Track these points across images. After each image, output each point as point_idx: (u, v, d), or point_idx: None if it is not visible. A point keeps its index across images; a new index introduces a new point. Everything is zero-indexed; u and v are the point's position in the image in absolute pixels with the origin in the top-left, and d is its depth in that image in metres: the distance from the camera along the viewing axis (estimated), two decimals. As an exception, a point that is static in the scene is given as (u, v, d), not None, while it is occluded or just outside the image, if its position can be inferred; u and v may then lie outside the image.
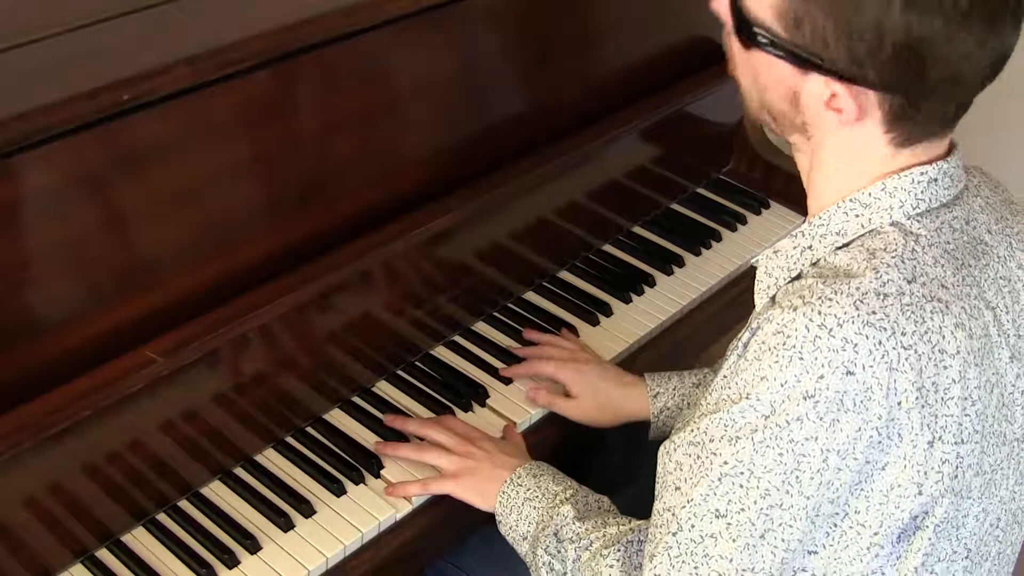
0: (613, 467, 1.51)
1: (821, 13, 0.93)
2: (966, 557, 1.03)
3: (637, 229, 1.83)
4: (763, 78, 1.02)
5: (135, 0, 1.36)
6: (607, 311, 1.65)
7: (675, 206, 1.88)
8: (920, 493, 0.96)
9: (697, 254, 1.79)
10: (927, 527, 0.98)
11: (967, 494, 1.00)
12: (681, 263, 1.76)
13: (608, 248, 1.78)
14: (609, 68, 1.78)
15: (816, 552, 1.00)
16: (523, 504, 1.26)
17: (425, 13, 1.44)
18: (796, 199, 1.89)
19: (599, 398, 1.46)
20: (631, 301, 1.68)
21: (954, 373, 0.95)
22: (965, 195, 1.05)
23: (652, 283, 1.72)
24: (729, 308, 1.75)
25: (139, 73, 1.21)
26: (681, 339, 1.68)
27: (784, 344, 0.94)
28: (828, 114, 0.99)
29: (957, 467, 0.97)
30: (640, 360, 1.61)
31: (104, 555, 1.26)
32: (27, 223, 1.18)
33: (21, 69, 1.24)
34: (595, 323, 1.63)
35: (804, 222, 1.06)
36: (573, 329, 1.61)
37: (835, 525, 0.98)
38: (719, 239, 1.82)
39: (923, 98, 0.96)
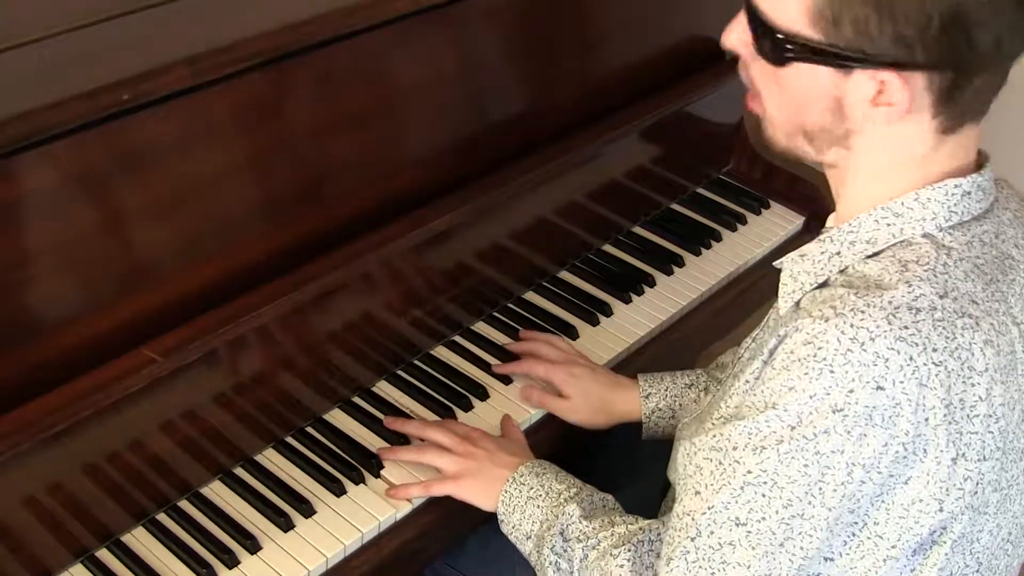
0: (614, 466, 1.51)
1: (860, 4, 0.91)
2: (977, 571, 1.03)
3: (637, 229, 1.83)
4: (798, 95, 0.99)
5: (135, 0, 1.36)
6: (607, 311, 1.65)
7: (675, 206, 1.88)
8: (941, 510, 0.96)
9: (697, 254, 1.79)
10: (944, 542, 0.98)
11: (984, 510, 0.99)
12: (681, 263, 1.76)
13: (608, 248, 1.78)
14: (609, 68, 1.77)
15: (832, 559, 0.99)
16: (526, 503, 1.26)
17: (425, 13, 1.44)
18: (796, 199, 1.89)
19: (591, 399, 1.46)
20: (631, 301, 1.68)
21: (981, 391, 0.94)
22: (995, 208, 1.04)
23: (652, 283, 1.72)
24: (729, 308, 1.75)
25: (139, 73, 1.20)
26: (681, 339, 1.68)
27: (815, 356, 0.93)
28: (877, 112, 0.96)
29: (978, 484, 0.97)
30: (640, 360, 1.61)
31: (104, 555, 1.26)
32: (27, 223, 1.18)
33: (21, 69, 1.24)
34: (595, 323, 1.63)
35: (832, 227, 1.05)
36: (573, 329, 1.61)
37: (853, 535, 0.98)
38: (719, 239, 1.82)
39: (974, 70, 0.93)
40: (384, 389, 1.49)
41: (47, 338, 1.21)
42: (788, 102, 1.01)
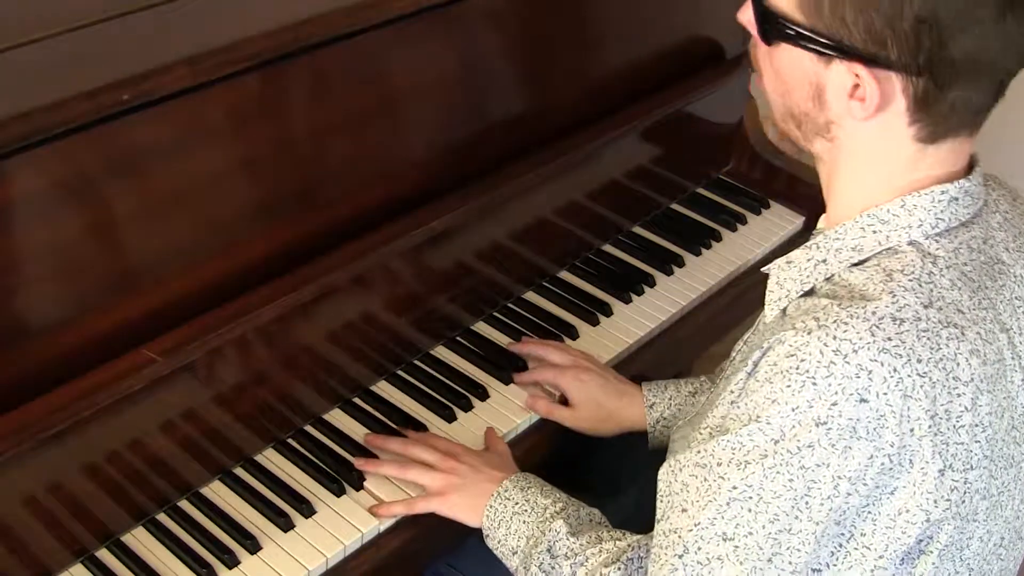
0: (606, 474, 1.50)
1: None
2: None
3: (637, 229, 1.83)
4: (786, 77, 1.00)
5: (135, 0, 1.36)
6: (607, 311, 1.65)
7: (675, 206, 1.88)
8: (928, 520, 0.95)
9: (697, 254, 1.79)
10: (931, 552, 0.98)
11: (973, 517, 0.99)
12: (681, 263, 1.76)
13: (608, 248, 1.78)
14: (609, 68, 1.77)
15: (820, 571, 0.99)
16: (511, 518, 1.26)
17: (425, 13, 1.44)
18: (796, 199, 1.89)
19: (598, 409, 1.45)
20: (631, 301, 1.68)
21: (967, 401, 0.94)
22: (984, 212, 1.03)
23: (652, 283, 1.72)
24: (729, 308, 1.75)
25: (139, 73, 1.20)
26: (681, 339, 1.68)
27: (797, 368, 0.92)
28: (853, 106, 0.96)
29: (965, 493, 0.96)
30: (640, 360, 1.61)
31: (104, 555, 1.26)
32: (27, 223, 1.17)
33: (21, 69, 1.24)
34: (595, 323, 1.63)
35: (818, 233, 1.05)
36: (573, 329, 1.61)
37: (840, 546, 0.97)
38: (719, 239, 1.82)
39: (948, 81, 0.93)
40: (384, 389, 1.49)
41: (47, 338, 1.21)
42: (778, 83, 1.03)
